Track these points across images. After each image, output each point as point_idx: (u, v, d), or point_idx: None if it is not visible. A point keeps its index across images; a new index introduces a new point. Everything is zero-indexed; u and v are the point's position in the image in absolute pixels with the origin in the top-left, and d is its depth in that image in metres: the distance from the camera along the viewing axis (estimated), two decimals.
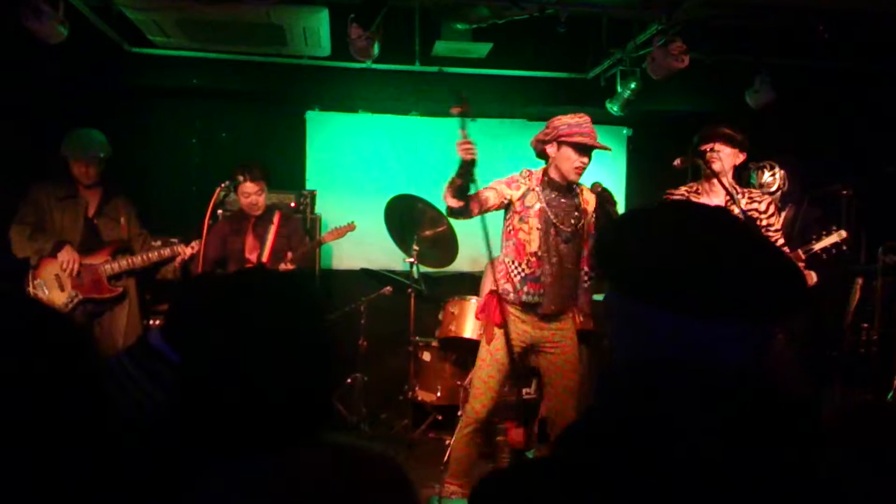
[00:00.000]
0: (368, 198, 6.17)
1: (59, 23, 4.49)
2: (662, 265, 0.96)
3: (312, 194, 6.09)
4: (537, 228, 3.88)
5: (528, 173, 3.98)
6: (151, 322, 5.14)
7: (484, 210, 3.83)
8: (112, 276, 4.67)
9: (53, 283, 4.53)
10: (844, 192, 4.65)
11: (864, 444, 1.38)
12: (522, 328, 3.94)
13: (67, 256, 4.52)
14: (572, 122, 3.81)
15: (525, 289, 3.91)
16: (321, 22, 4.91)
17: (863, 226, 4.87)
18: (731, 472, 0.90)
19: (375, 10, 4.81)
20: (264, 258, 4.76)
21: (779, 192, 4.66)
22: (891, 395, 4.49)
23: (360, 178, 6.62)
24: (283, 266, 4.74)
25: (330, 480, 1.31)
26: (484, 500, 1.04)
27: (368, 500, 1.33)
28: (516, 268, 3.94)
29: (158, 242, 4.82)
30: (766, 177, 4.63)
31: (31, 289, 4.51)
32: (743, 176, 4.76)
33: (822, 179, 4.83)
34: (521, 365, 4.56)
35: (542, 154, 3.95)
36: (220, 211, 5.15)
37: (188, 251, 4.66)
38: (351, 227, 5.07)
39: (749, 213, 3.93)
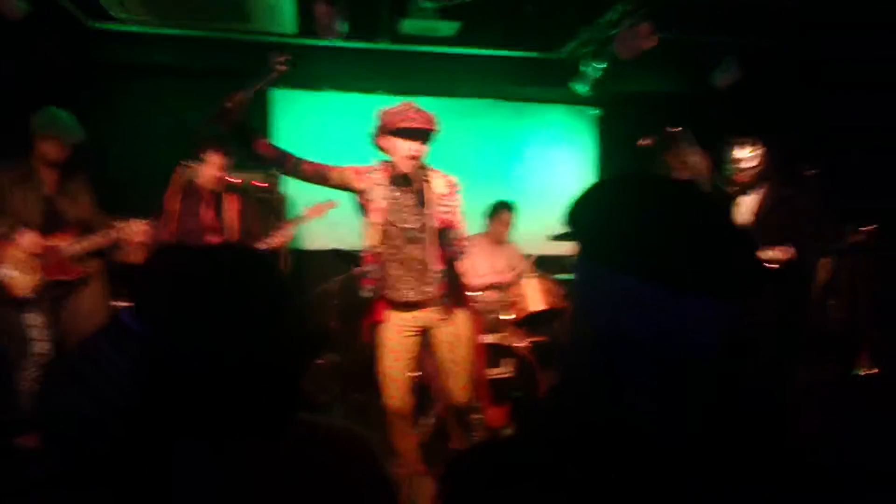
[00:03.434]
0: None
1: None
2: (632, 234, 0.95)
3: (279, 174, 6.02)
4: (379, 224, 3.76)
5: (381, 166, 3.82)
6: (116, 303, 5.06)
7: (318, 179, 3.84)
8: (75, 256, 4.59)
9: (19, 267, 4.43)
10: (810, 171, 4.69)
11: (831, 419, 1.40)
12: (404, 316, 3.88)
13: (29, 239, 4.43)
14: (395, 110, 3.66)
15: (361, 284, 3.87)
16: None
17: (829, 205, 4.93)
18: (683, 451, 0.90)
19: None
20: (234, 237, 4.68)
21: (755, 170, 4.66)
22: (858, 370, 4.57)
23: (327, 156, 6.50)
24: (260, 245, 4.69)
25: (298, 457, 1.31)
26: (453, 481, 1.05)
27: (338, 475, 1.33)
28: (365, 267, 3.87)
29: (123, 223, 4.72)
30: (746, 152, 4.61)
31: None
32: (722, 150, 4.76)
33: (790, 158, 4.87)
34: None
35: (381, 150, 3.78)
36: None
37: (146, 227, 4.55)
38: (331, 205, 4.98)
39: None
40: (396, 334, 3.88)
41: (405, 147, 3.63)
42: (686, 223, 0.96)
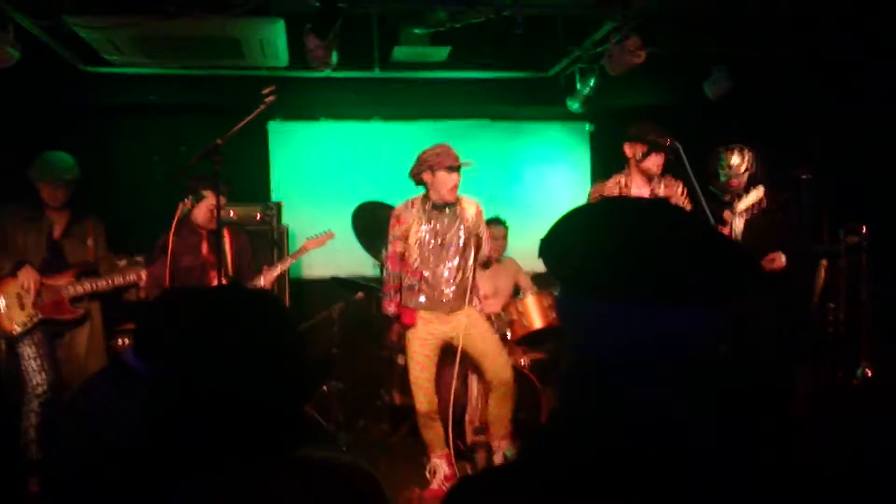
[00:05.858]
0: (335, 206, 6.14)
1: (9, 45, 4.43)
2: (611, 259, 0.96)
3: (278, 206, 6.04)
4: (418, 245, 4.51)
5: (410, 204, 4.62)
6: (120, 342, 5.07)
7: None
8: (74, 297, 4.62)
9: (14, 302, 4.46)
10: (804, 176, 4.71)
11: (834, 426, 1.40)
12: (431, 327, 4.53)
13: (27, 277, 4.46)
14: (438, 151, 4.43)
15: (407, 296, 4.57)
16: (278, 33, 4.88)
17: (824, 208, 4.94)
18: (696, 467, 0.91)
19: (332, 19, 4.79)
20: (231, 274, 4.67)
21: (746, 174, 4.71)
22: (859, 372, 4.57)
23: (325, 186, 6.60)
24: (257, 282, 4.69)
25: (302, 493, 1.31)
26: None
27: None
28: (404, 279, 4.62)
29: (123, 262, 4.76)
30: (735, 159, 4.69)
31: None
32: (711, 158, 4.80)
33: (783, 164, 4.90)
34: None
35: (420, 182, 4.53)
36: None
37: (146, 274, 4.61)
38: (330, 236, 5.02)
39: (666, 198, 4.37)
40: (420, 346, 4.54)
41: (450, 180, 4.41)
42: (650, 237, 0.96)
